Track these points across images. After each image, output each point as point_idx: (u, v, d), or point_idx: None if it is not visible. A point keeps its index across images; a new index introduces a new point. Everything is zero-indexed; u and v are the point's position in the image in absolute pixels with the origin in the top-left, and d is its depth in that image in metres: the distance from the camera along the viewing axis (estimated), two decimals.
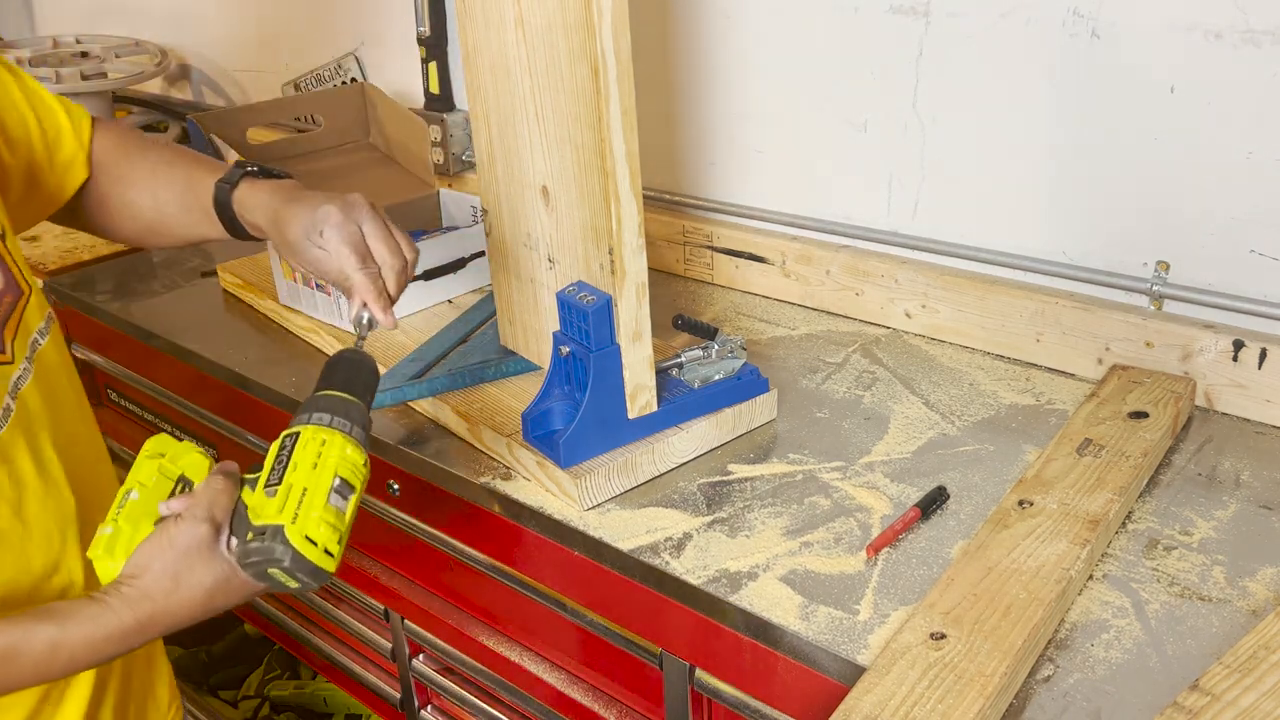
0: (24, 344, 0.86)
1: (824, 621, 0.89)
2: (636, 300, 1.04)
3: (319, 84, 2.11)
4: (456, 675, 1.38)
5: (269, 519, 0.79)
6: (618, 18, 0.93)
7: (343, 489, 0.82)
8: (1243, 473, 1.06)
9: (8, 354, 0.83)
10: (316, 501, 0.80)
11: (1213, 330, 1.15)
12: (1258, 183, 1.10)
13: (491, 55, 1.09)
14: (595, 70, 0.94)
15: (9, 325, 0.83)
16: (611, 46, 0.94)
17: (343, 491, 0.82)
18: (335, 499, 0.81)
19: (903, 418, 1.18)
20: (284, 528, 0.79)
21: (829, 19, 1.35)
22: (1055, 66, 1.19)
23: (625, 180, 0.99)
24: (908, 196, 1.37)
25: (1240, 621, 0.86)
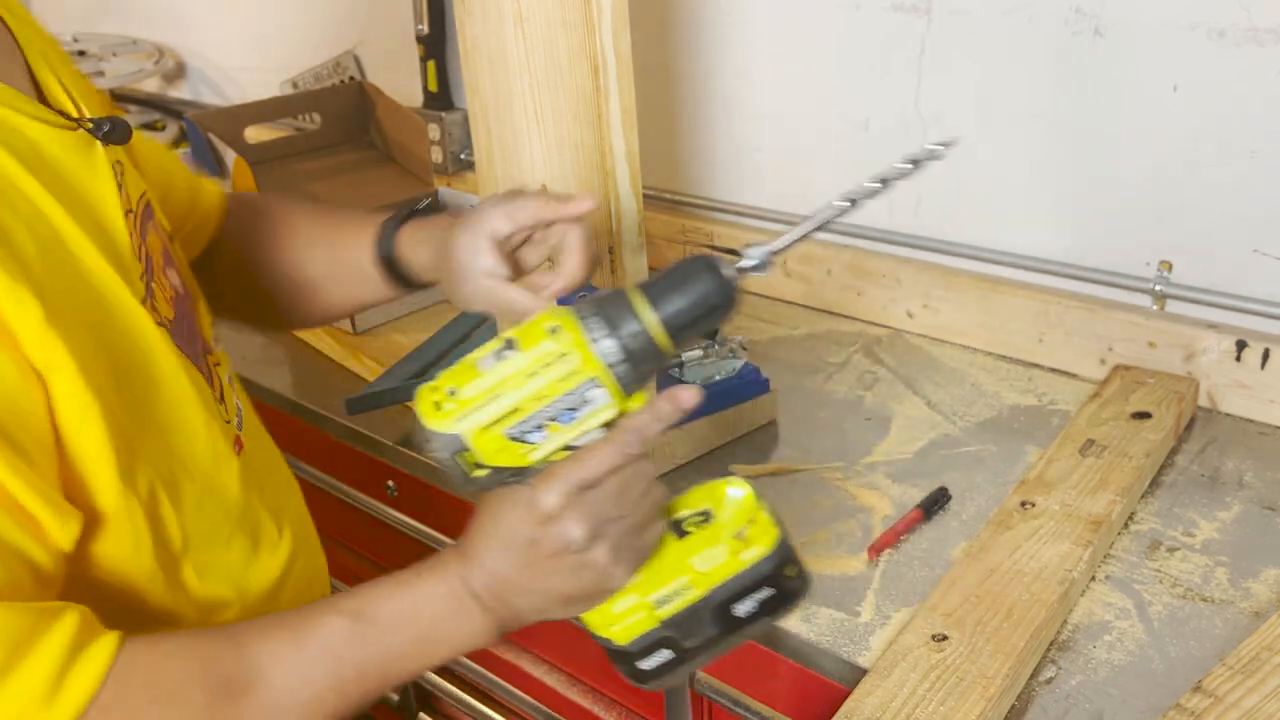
0: (215, 345, 0.81)
1: (825, 623, 0.88)
2: None
3: (317, 82, 2.11)
4: (455, 677, 1.38)
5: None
6: (618, 16, 0.93)
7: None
8: (1246, 473, 1.05)
9: (215, 355, 0.78)
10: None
11: (1216, 330, 1.14)
12: (1261, 182, 1.10)
13: (490, 53, 1.09)
14: (595, 69, 0.94)
15: (202, 327, 0.78)
16: (611, 45, 0.93)
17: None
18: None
19: (904, 418, 1.18)
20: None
21: (830, 17, 1.34)
22: (1058, 65, 1.19)
23: (625, 179, 0.98)
24: (909, 196, 1.36)
25: (1243, 623, 0.86)
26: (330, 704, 0.63)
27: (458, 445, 0.62)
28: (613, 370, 0.62)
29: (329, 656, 0.62)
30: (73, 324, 0.58)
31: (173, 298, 0.73)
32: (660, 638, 0.68)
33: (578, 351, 0.62)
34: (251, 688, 0.60)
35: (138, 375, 0.64)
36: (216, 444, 0.70)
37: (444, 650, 0.66)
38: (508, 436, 0.62)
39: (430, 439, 0.63)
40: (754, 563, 0.68)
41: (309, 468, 1.35)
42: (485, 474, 0.63)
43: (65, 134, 0.64)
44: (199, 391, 0.69)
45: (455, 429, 0.62)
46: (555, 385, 0.62)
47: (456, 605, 0.66)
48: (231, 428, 0.74)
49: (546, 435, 0.63)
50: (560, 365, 0.61)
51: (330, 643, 0.63)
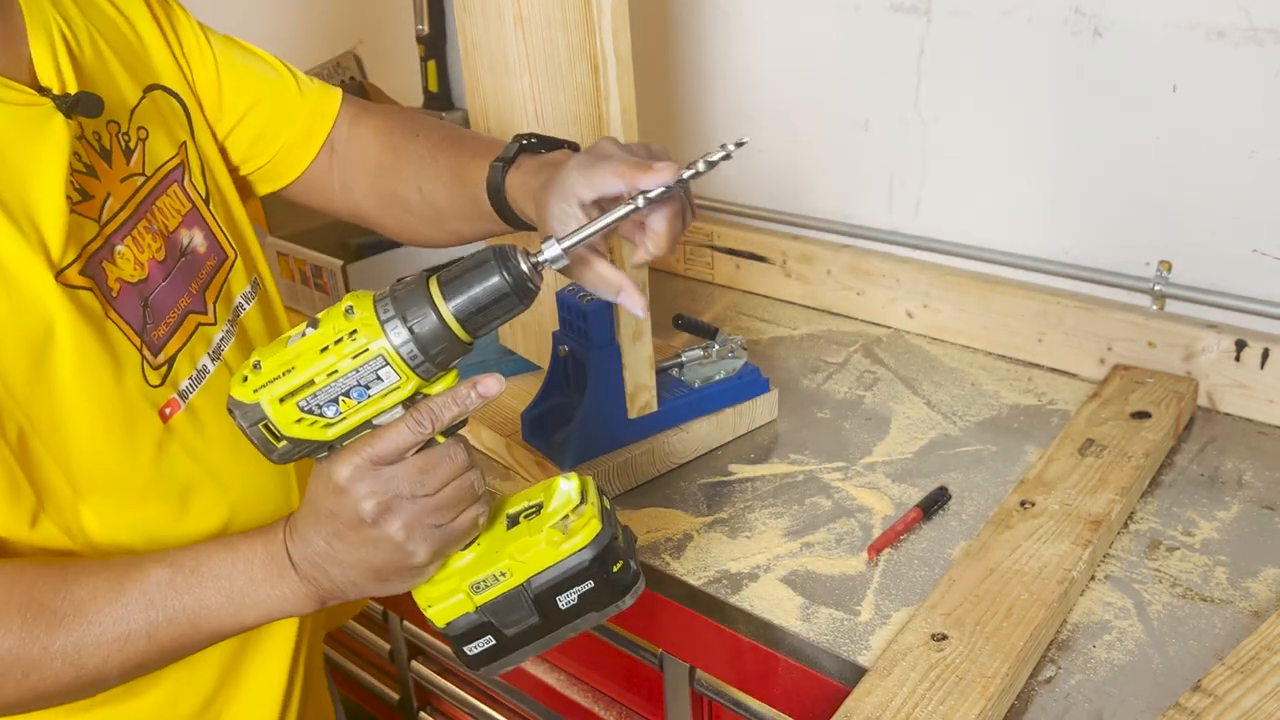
0: (226, 307, 0.83)
1: (825, 623, 0.88)
2: None
3: None
4: (455, 676, 1.38)
5: None
6: (618, 15, 0.93)
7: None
8: (1245, 473, 1.05)
9: (209, 315, 0.80)
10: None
11: (1215, 330, 1.14)
12: (1260, 182, 1.10)
13: (491, 53, 1.09)
14: (595, 69, 0.94)
15: (211, 287, 0.81)
16: (611, 45, 0.93)
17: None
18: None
19: (904, 418, 1.18)
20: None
21: (830, 17, 1.35)
22: (1057, 65, 1.19)
23: None
24: (909, 195, 1.37)
25: (1242, 622, 0.86)
26: (139, 646, 0.67)
27: (258, 415, 0.64)
28: (399, 351, 0.64)
29: (144, 601, 0.67)
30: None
31: (158, 259, 0.76)
32: (478, 623, 0.70)
33: (368, 332, 0.64)
34: (66, 619, 0.65)
35: (22, 335, 0.67)
36: (128, 404, 0.73)
37: (255, 610, 0.69)
38: (301, 409, 0.64)
39: (234, 408, 0.65)
40: (572, 553, 0.69)
41: None
42: (285, 445, 0.65)
43: (18, 110, 0.68)
44: (112, 353, 0.71)
45: (255, 399, 0.64)
46: (346, 362, 0.64)
47: (271, 568, 0.69)
48: (164, 391, 0.75)
49: (340, 411, 0.65)
50: (350, 343, 0.64)
51: (147, 589, 0.67)
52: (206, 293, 0.81)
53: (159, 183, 0.78)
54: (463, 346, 0.66)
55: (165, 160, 0.80)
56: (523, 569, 0.69)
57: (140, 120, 0.78)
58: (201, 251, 0.81)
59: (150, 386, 0.75)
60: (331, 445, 0.67)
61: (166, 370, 0.76)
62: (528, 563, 0.69)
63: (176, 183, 0.80)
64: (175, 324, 0.77)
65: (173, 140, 0.82)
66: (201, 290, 0.81)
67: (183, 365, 0.78)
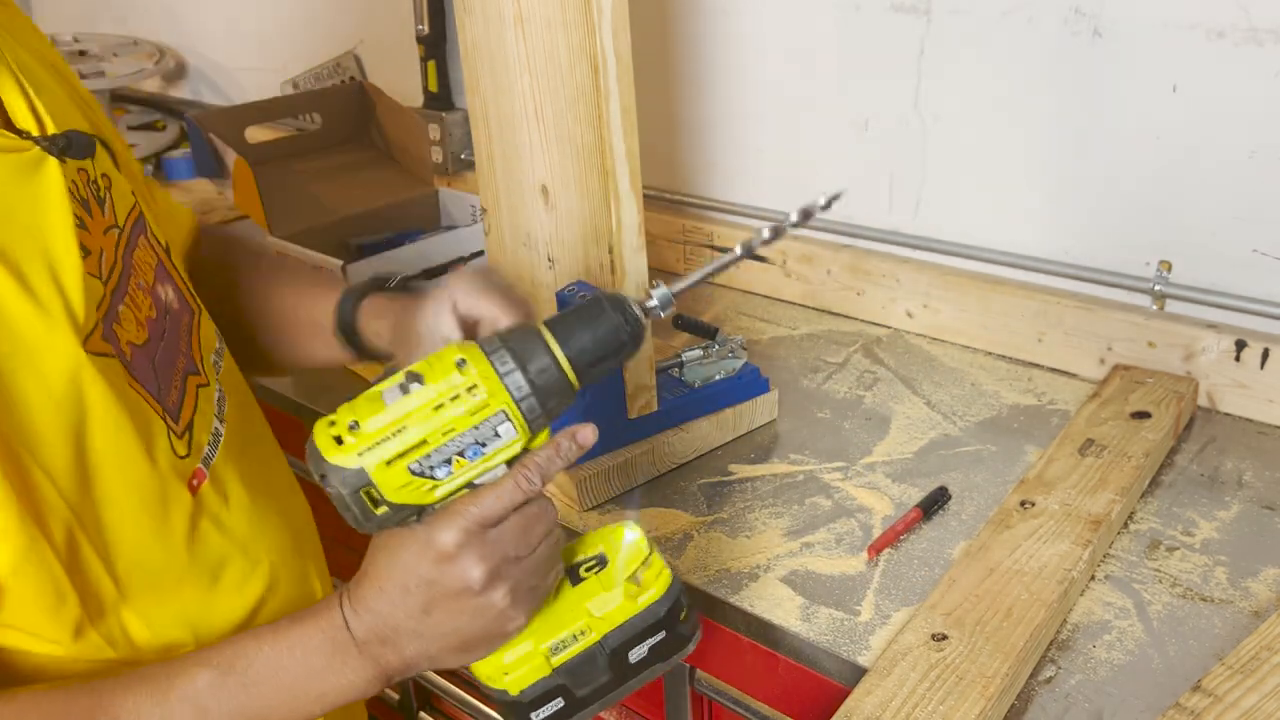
0: (209, 365, 0.77)
1: (825, 622, 0.88)
2: None
3: (318, 82, 2.11)
4: (455, 677, 1.38)
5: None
6: (618, 16, 0.93)
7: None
8: (1245, 473, 1.05)
9: (203, 375, 0.73)
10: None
11: (1215, 330, 1.14)
12: (1260, 182, 1.10)
13: (491, 53, 1.09)
14: (595, 69, 0.94)
15: (193, 345, 0.73)
16: (611, 45, 0.93)
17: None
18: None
19: (904, 418, 1.18)
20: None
21: (830, 17, 1.34)
22: (1057, 65, 1.19)
23: (625, 179, 0.99)
24: (909, 195, 1.37)
25: (1243, 622, 0.86)
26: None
27: (361, 481, 0.60)
28: (521, 405, 0.61)
29: (193, 711, 0.59)
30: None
31: (152, 318, 0.69)
32: (553, 686, 0.66)
33: (486, 385, 0.60)
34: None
35: (58, 419, 0.60)
36: (162, 481, 0.66)
37: (318, 703, 0.63)
38: (412, 471, 0.60)
39: (329, 474, 0.60)
40: (649, 605, 0.67)
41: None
42: (385, 511, 0.61)
43: (8, 157, 0.61)
44: (140, 429, 0.65)
45: (358, 463, 0.59)
46: (464, 419, 0.60)
47: (333, 655, 0.63)
48: (189, 462, 0.69)
49: (452, 471, 0.61)
50: (469, 398, 0.60)
51: (195, 697, 0.60)
52: (193, 352, 0.74)
53: (130, 234, 0.70)
54: (572, 397, 0.63)
55: (129, 210, 0.71)
56: (601, 625, 0.66)
57: (101, 167, 0.69)
58: (177, 308, 0.73)
59: (179, 458, 0.68)
60: (423, 510, 0.62)
61: (189, 438, 0.70)
62: (606, 619, 0.66)
63: (142, 234, 0.72)
64: (181, 387, 0.71)
65: (126, 188, 0.73)
66: (188, 349, 0.74)
67: (200, 430, 0.71)
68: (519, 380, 0.60)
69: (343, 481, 0.59)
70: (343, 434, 0.60)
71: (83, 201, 0.65)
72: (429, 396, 0.60)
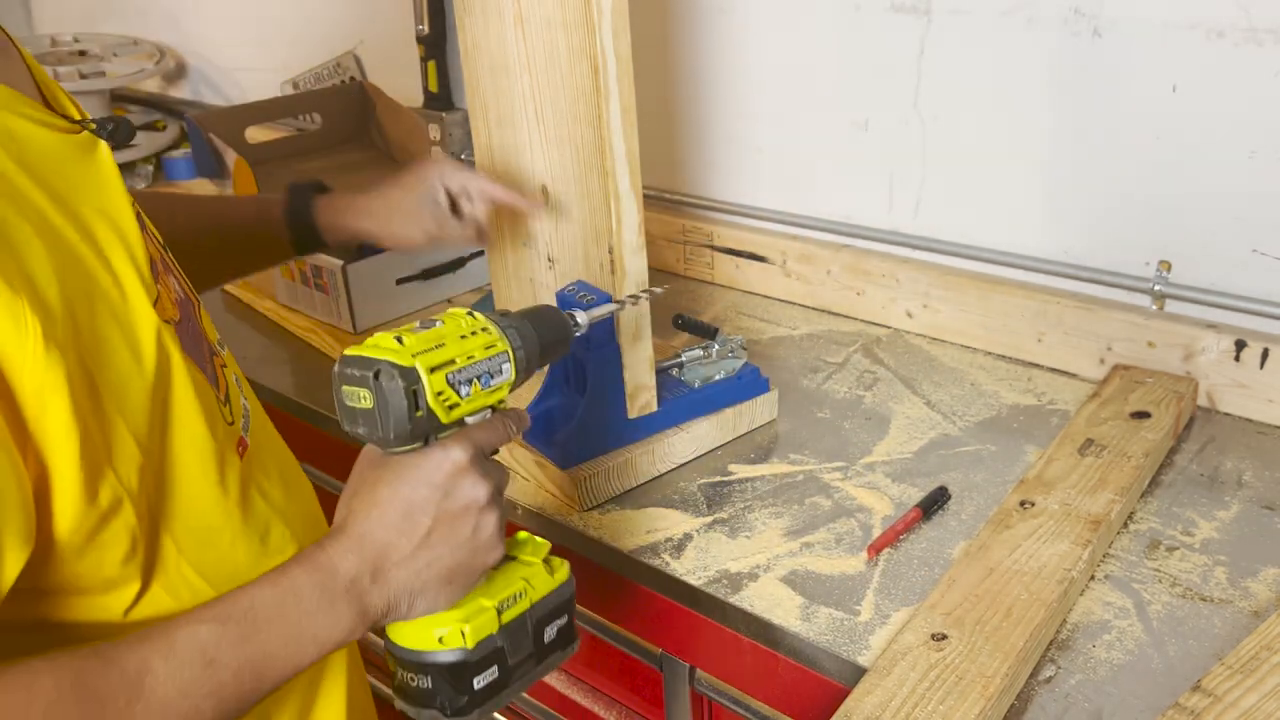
0: (218, 350, 0.79)
1: (825, 622, 0.88)
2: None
3: (318, 82, 2.11)
4: None
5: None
6: (618, 16, 0.93)
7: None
8: (1245, 473, 1.05)
9: (221, 358, 0.76)
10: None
11: (1215, 330, 1.14)
12: (1260, 182, 1.10)
13: (491, 53, 1.09)
14: (595, 69, 0.94)
15: (204, 332, 0.75)
16: (611, 45, 0.93)
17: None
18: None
19: (904, 418, 1.18)
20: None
21: (830, 17, 1.35)
22: (1057, 65, 1.19)
23: (625, 179, 0.99)
24: (909, 195, 1.37)
25: (1242, 622, 0.86)
26: (208, 713, 0.60)
27: (414, 379, 0.66)
28: (517, 353, 0.74)
29: (201, 661, 0.60)
30: (73, 337, 0.57)
31: (177, 300, 0.72)
32: (495, 647, 0.70)
33: (495, 330, 0.73)
34: (129, 704, 0.57)
35: (143, 379, 0.63)
36: (220, 446, 0.69)
37: (314, 644, 0.65)
38: (448, 382, 0.68)
39: (384, 370, 0.66)
40: (563, 582, 0.76)
41: (310, 468, 1.34)
42: (420, 416, 0.67)
43: (69, 138, 0.64)
44: (200, 394, 0.68)
45: (413, 362, 0.66)
46: (480, 350, 0.71)
47: (321, 597, 0.65)
48: (235, 429, 0.73)
49: (470, 393, 0.70)
50: (483, 336, 0.72)
51: (200, 648, 0.61)
52: (207, 335, 0.77)
53: (139, 225, 0.73)
54: (529, 374, 0.77)
55: (132, 200, 0.75)
56: (533, 592, 0.73)
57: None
58: (183, 297, 0.75)
59: (227, 424, 0.71)
60: (431, 436, 0.69)
61: (230, 408, 0.73)
62: (536, 586, 0.73)
63: (143, 228, 0.74)
64: (211, 363, 0.73)
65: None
66: (205, 334, 0.77)
67: (236, 402, 0.75)
68: (515, 336, 0.74)
69: (402, 377, 0.65)
70: (390, 344, 0.67)
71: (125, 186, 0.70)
72: (456, 327, 0.71)
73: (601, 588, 1.04)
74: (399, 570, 0.67)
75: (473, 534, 0.68)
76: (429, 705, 0.69)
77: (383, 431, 0.66)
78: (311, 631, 0.65)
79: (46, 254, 0.57)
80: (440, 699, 0.69)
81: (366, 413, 0.66)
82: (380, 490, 0.67)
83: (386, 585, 0.67)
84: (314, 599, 0.65)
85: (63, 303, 0.56)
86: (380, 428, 0.66)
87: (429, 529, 0.67)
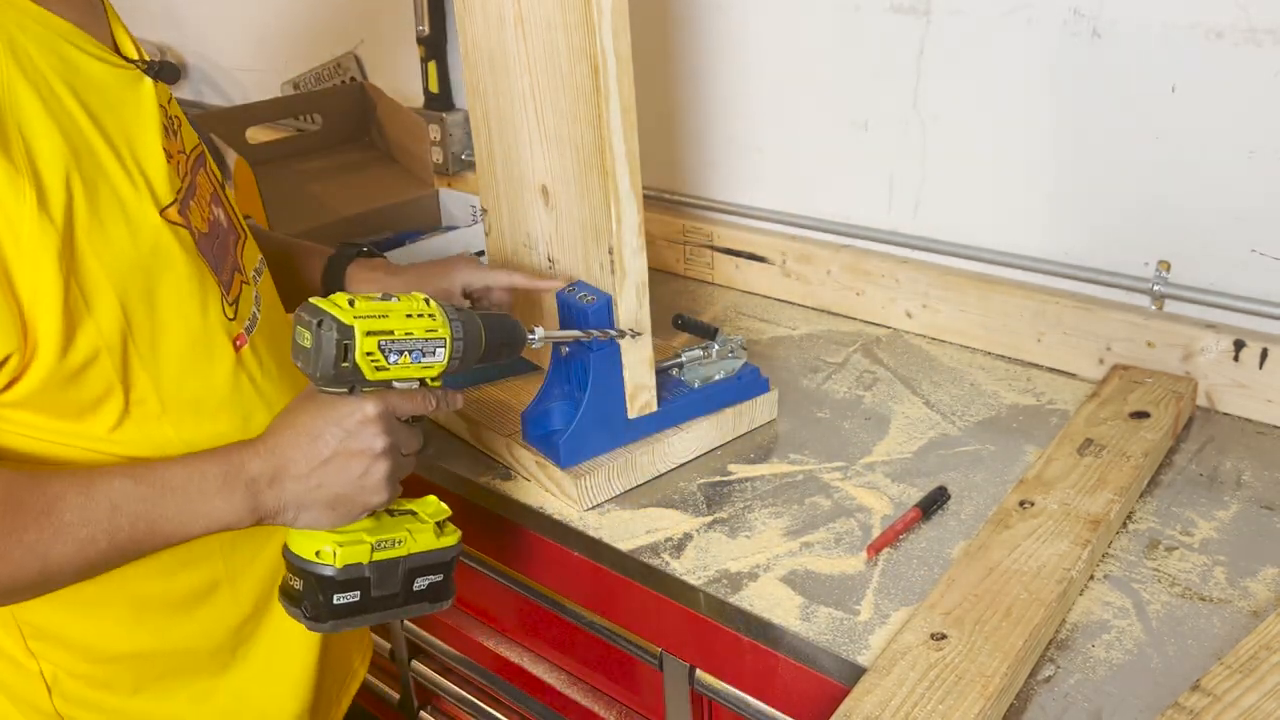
0: (250, 274, 0.93)
1: (824, 622, 0.88)
2: (636, 300, 1.04)
3: (318, 83, 2.11)
4: (456, 676, 1.38)
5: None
6: (618, 17, 0.93)
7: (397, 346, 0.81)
8: (1244, 473, 1.05)
9: (245, 276, 0.91)
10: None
11: (1214, 330, 1.14)
12: (1259, 182, 1.10)
13: (491, 54, 1.09)
14: (595, 69, 0.94)
15: (240, 257, 0.91)
16: (611, 45, 0.94)
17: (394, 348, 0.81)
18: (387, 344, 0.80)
19: (903, 418, 1.18)
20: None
21: (829, 18, 1.35)
22: (1056, 65, 1.19)
23: (625, 180, 0.99)
24: (908, 196, 1.37)
25: (1241, 622, 0.86)
26: (101, 545, 0.73)
27: (348, 334, 0.77)
28: (454, 343, 0.84)
29: (108, 505, 0.73)
30: (66, 211, 0.71)
31: (210, 220, 0.86)
32: (360, 577, 0.81)
33: (442, 318, 0.83)
34: (40, 516, 0.71)
35: (138, 260, 0.77)
36: (210, 331, 0.83)
37: (202, 522, 0.77)
38: (380, 347, 0.79)
39: (326, 320, 0.77)
40: (446, 546, 0.86)
41: None
42: (346, 367, 0.78)
43: (119, 71, 0.79)
44: (203, 285, 0.82)
45: (352, 322, 0.77)
46: (420, 330, 0.81)
47: (223, 484, 0.77)
48: (235, 325, 0.86)
49: (398, 361, 0.80)
50: (429, 320, 0.82)
51: (110, 495, 0.74)
52: (240, 260, 0.91)
53: (194, 162, 0.87)
54: (471, 365, 0.87)
55: (194, 146, 0.89)
56: (413, 544, 0.84)
57: (174, 109, 0.87)
58: (226, 226, 0.90)
59: (227, 319, 0.85)
60: (356, 386, 0.80)
61: (236, 309, 0.87)
62: (418, 541, 0.84)
63: (202, 167, 0.89)
64: (230, 275, 0.87)
65: (191, 131, 0.90)
66: (235, 257, 0.90)
67: (245, 307, 0.88)
68: (459, 328, 0.84)
69: (336, 329, 0.77)
70: (342, 304, 0.78)
71: (163, 121, 0.82)
72: (406, 306, 0.82)
73: (601, 588, 1.04)
74: (293, 483, 0.79)
75: (362, 475, 0.79)
76: (296, 605, 0.81)
77: (313, 369, 0.78)
78: (205, 509, 0.77)
79: (64, 146, 0.71)
80: (306, 603, 0.81)
81: (305, 351, 0.78)
82: (300, 417, 0.80)
83: (280, 491, 0.79)
84: (216, 484, 0.77)
85: (64, 184, 0.71)
86: (312, 365, 0.77)
87: (327, 459, 0.79)
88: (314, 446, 0.79)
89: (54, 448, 0.78)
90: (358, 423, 0.79)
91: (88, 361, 0.75)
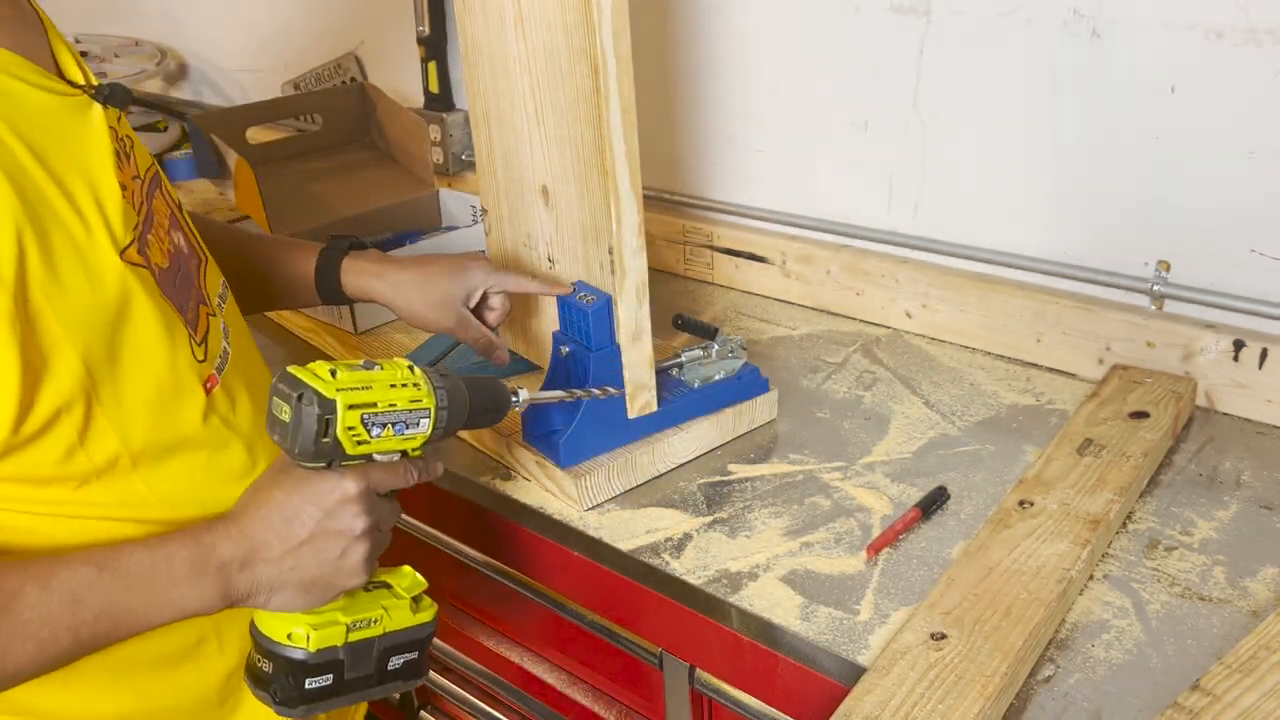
0: (215, 302, 0.89)
1: (824, 622, 0.89)
2: (636, 300, 1.04)
3: (319, 83, 2.11)
4: (456, 676, 1.38)
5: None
6: (618, 17, 0.93)
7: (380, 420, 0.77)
8: (1243, 473, 1.05)
9: (210, 307, 0.86)
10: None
11: (1214, 330, 1.14)
12: (1258, 182, 1.10)
13: (491, 54, 1.09)
14: (595, 69, 0.94)
15: (200, 284, 0.86)
16: (611, 46, 0.94)
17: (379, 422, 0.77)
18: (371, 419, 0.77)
19: (903, 418, 1.18)
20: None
21: (829, 18, 1.35)
22: (1056, 66, 1.19)
23: (625, 180, 0.99)
24: (908, 196, 1.37)
25: (1241, 622, 0.86)
26: (64, 643, 0.68)
27: (330, 409, 0.73)
28: (439, 412, 0.80)
29: (70, 598, 0.68)
30: (18, 271, 0.65)
31: (170, 252, 0.81)
32: (335, 660, 0.78)
33: (427, 388, 0.80)
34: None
35: (99, 310, 0.71)
36: (179, 378, 0.78)
37: (170, 609, 0.72)
38: (362, 421, 0.75)
39: (306, 393, 0.73)
40: (422, 623, 0.82)
41: None
42: (327, 443, 0.74)
43: (64, 99, 0.73)
44: (169, 328, 0.77)
45: (334, 396, 0.74)
46: (404, 400, 0.78)
47: (192, 570, 0.72)
48: (206, 367, 0.81)
49: (381, 434, 0.77)
50: (413, 390, 0.79)
51: (73, 586, 0.69)
52: (203, 289, 0.86)
53: (149, 185, 0.82)
54: (456, 431, 0.85)
55: (148, 167, 0.83)
56: (389, 622, 0.80)
57: (125, 129, 0.81)
58: (186, 252, 0.85)
59: (197, 361, 0.80)
60: (335, 461, 0.76)
61: (205, 348, 0.82)
62: (394, 619, 0.81)
63: (158, 189, 0.84)
64: (195, 310, 0.83)
65: (145, 150, 0.85)
66: (198, 286, 0.85)
67: (214, 344, 0.84)
68: (443, 396, 0.81)
69: (318, 404, 0.73)
70: (324, 375, 0.75)
71: (115, 148, 0.77)
72: (390, 375, 0.78)
73: (601, 587, 1.04)
74: (267, 567, 0.74)
75: (340, 556, 0.76)
76: (264, 689, 0.77)
77: (291, 445, 0.74)
78: (173, 597, 0.72)
79: (12, 197, 0.65)
80: (275, 687, 0.77)
81: (283, 425, 0.74)
82: (275, 493, 0.75)
83: (252, 575, 0.74)
84: (184, 570, 0.72)
85: (14, 239, 0.65)
86: (290, 441, 0.73)
87: (303, 540, 0.74)
88: (289, 528, 0.74)
89: (18, 517, 0.73)
90: (337, 502, 0.75)
91: (46, 425, 0.69)
